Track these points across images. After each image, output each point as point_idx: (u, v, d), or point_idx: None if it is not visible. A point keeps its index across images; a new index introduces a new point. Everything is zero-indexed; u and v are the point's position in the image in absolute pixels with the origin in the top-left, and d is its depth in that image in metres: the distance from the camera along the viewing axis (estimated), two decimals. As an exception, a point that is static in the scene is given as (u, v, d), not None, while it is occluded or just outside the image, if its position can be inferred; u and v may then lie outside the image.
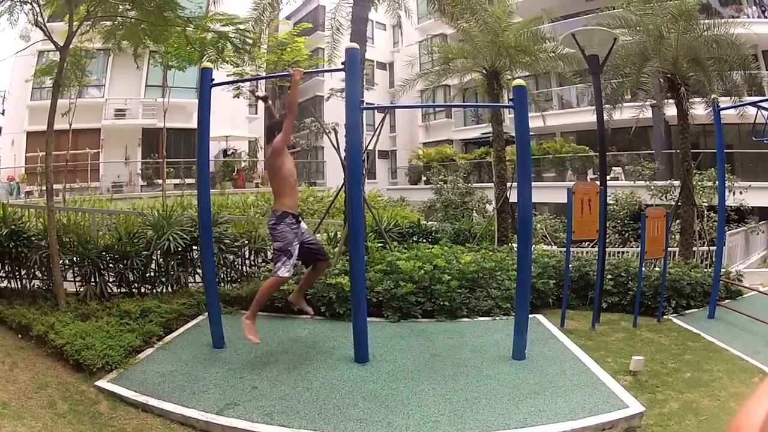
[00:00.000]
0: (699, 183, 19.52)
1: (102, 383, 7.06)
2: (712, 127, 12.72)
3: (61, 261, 10.00)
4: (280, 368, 7.72)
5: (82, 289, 10.32)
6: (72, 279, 10.68)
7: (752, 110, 11.85)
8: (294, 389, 6.96)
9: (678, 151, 17.47)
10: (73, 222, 11.83)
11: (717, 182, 13.62)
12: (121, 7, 11.08)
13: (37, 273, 10.70)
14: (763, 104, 11.32)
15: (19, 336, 8.55)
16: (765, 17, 28.47)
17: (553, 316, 10.66)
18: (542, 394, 6.84)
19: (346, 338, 8.46)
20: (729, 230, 20.38)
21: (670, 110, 18.23)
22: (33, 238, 10.43)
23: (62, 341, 7.74)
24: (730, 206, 19.82)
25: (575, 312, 11.48)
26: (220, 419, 6.13)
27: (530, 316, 8.82)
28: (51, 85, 12.51)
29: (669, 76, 16.22)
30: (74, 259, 10.41)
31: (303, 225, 8.14)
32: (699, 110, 17.21)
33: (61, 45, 10.28)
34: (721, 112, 11.95)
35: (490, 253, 13.19)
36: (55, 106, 10.30)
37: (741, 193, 21.08)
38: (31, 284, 10.70)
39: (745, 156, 27.37)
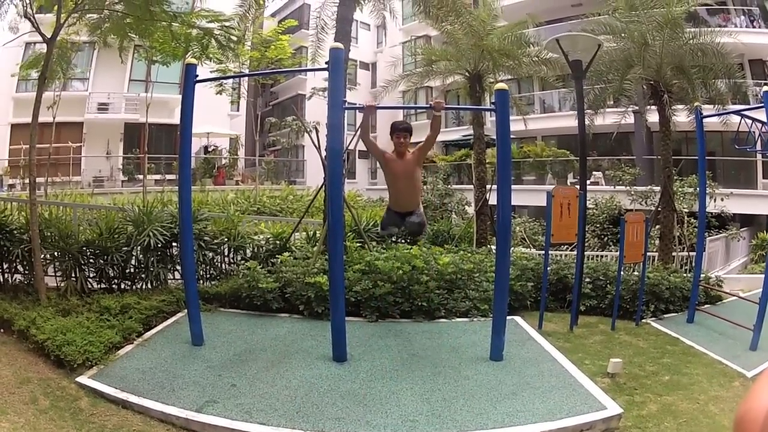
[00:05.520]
0: (680, 189, 19.59)
1: (83, 379, 7.07)
2: (694, 134, 12.77)
3: (42, 255, 9.97)
4: (258, 366, 7.73)
5: (62, 284, 10.27)
6: (53, 274, 10.62)
7: (736, 118, 11.90)
8: (273, 387, 6.98)
9: (659, 157, 17.55)
10: (54, 216, 11.79)
11: (698, 189, 13.68)
12: (108, 0, 11.07)
13: (19, 267, 10.68)
14: (746, 113, 11.37)
15: (1, 330, 8.54)
16: (753, 27, 28.63)
17: (530, 318, 10.69)
18: (520, 395, 6.88)
19: (324, 337, 8.48)
20: (710, 236, 20.50)
21: (653, 117, 18.28)
22: (15, 232, 10.41)
23: (43, 336, 7.73)
24: (711, 213, 19.96)
25: (553, 314, 11.50)
26: (200, 417, 6.16)
27: (508, 317, 8.85)
28: (37, 77, 12.49)
29: (652, 83, 16.28)
30: (55, 253, 10.38)
31: (414, 219, 10.06)
32: (681, 117, 17.29)
33: (49, 37, 10.25)
34: (704, 120, 12.01)
35: (469, 254, 13.15)
36: (40, 98, 10.25)
37: (722, 200, 21.17)
38: (13, 278, 10.67)
39: (728, 163, 27.57)
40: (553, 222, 10.55)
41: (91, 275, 10.71)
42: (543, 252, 11.87)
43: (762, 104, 10.16)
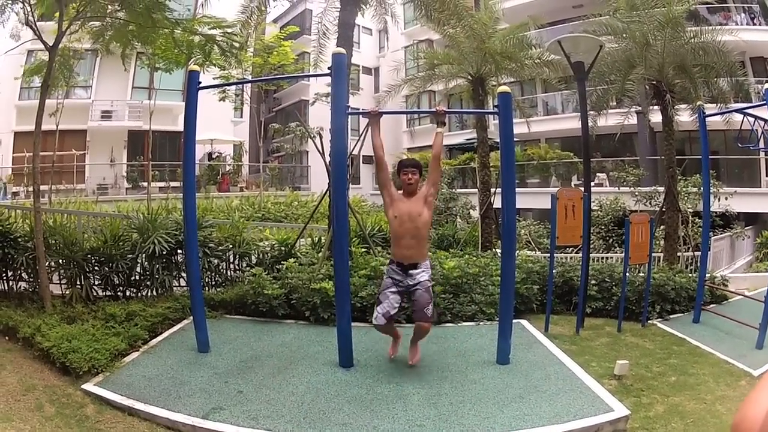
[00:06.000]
0: (684, 189, 19.57)
1: (88, 386, 7.06)
2: (697, 134, 12.80)
3: (47, 263, 9.97)
4: (265, 373, 7.72)
5: (68, 292, 10.30)
6: (58, 281, 10.68)
7: (738, 117, 11.88)
8: (279, 393, 6.98)
9: (663, 157, 17.55)
10: (59, 224, 11.80)
11: (702, 188, 13.66)
12: (110, 7, 11.08)
13: (24, 275, 10.70)
14: (749, 111, 11.36)
15: (6, 338, 8.55)
16: (754, 24, 28.59)
17: (537, 321, 10.67)
18: (527, 399, 6.86)
19: (330, 343, 8.47)
20: (714, 235, 20.47)
21: (656, 117, 18.29)
22: (20, 240, 10.44)
23: (49, 344, 7.73)
24: (716, 212, 19.93)
25: (559, 317, 11.50)
26: (206, 423, 6.14)
27: (514, 321, 8.82)
28: (39, 85, 12.50)
29: (655, 83, 16.27)
30: (60, 261, 10.40)
31: (419, 275, 7.73)
32: (684, 117, 17.28)
33: (51, 45, 10.27)
34: (707, 119, 12.03)
35: (474, 258, 13.18)
36: (43, 106, 10.29)
37: (726, 198, 21.15)
38: (18, 286, 10.70)
39: (731, 162, 27.53)
40: (557, 224, 10.56)
41: (96, 283, 10.74)
42: (548, 255, 11.85)
43: (764, 102, 10.15)
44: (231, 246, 12.09)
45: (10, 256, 10.24)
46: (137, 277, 11.02)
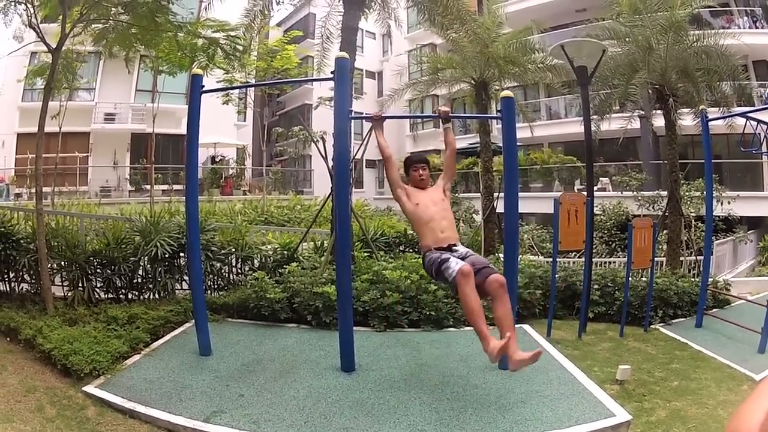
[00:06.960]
0: (687, 193, 19.53)
1: (89, 389, 7.06)
2: (700, 138, 12.76)
3: (49, 265, 9.97)
4: (266, 376, 7.72)
5: (69, 294, 10.30)
6: (60, 283, 10.66)
7: (741, 120, 11.88)
8: (280, 397, 6.97)
9: (666, 161, 17.54)
10: (61, 226, 11.81)
11: (705, 192, 13.65)
12: (113, 10, 11.08)
13: (26, 276, 10.71)
14: (751, 115, 11.34)
15: (8, 339, 8.56)
16: (756, 27, 28.53)
17: (539, 326, 10.65)
18: (529, 403, 6.85)
19: (332, 347, 8.45)
20: (717, 240, 20.42)
21: (659, 121, 18.29)
22: (22, 241, 10.45)
23: (50, 346, 7.74)
24: (718, 216, 19.88)
25: (562, 322, 11.47)
26: (208, 427, 6.14)
27: (516, 326, 8.80)
28: (42, 87, 12.50)
29: (657, 87, 16.28)
30: (62, 263, 10.40)
31: (460, 248, 6.77)
32: (687, 121, 17.27)
33: (54, 47, 10.27)
34: (710, 123, 11.99)
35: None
36: (46, 108, 10.29)
37: (729, 203, 21.07)
38: (20, 287, 10.70)
39: (734, 166, 27.44)
40: (560, 229, 10.53)
41: (99, 285, 10.75)
42: (551, 259, 11.83)
43: (767, 105, 10.12)
44: (233, 249, 12.09)
45: (13, 258, 10.26)
46: (139, 280, 11.04)
